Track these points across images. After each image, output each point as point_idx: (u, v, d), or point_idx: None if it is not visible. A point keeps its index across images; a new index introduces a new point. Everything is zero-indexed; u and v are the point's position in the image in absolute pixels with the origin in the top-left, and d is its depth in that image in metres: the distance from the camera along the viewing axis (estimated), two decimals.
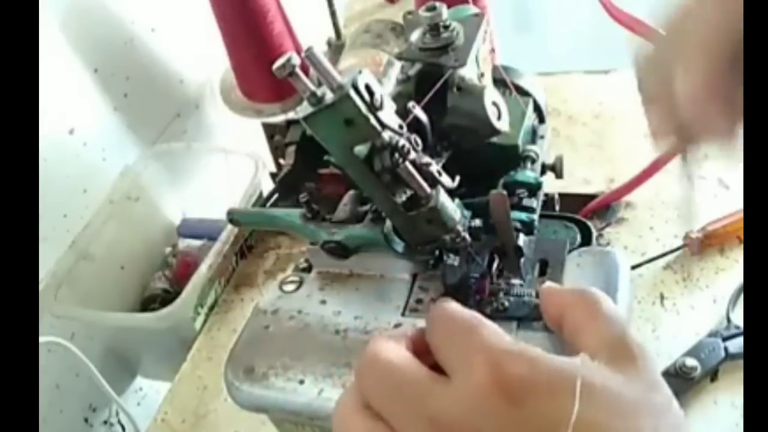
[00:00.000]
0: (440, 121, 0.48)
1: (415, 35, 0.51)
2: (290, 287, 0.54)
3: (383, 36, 0.69)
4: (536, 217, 0.50)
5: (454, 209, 0.46)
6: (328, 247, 0.51)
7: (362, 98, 0.40)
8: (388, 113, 0.42)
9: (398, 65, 0.52)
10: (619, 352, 0.30)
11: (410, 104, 0.45)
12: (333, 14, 0.98)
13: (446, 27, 0.50)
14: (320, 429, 0.49)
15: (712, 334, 0.63)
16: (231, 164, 0.99)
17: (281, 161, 0.54)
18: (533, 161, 0.52)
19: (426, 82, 0.49)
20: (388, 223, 0.48)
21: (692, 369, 0.60)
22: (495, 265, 0.49)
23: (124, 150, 0.93)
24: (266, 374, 0.48)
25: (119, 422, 0.93)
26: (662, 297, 0.69)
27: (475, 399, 0.28)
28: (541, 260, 0.51)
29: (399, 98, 0.48)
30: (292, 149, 0.53)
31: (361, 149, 0.43)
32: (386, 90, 0.50)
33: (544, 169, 0.55)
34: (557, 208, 0.57)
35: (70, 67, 0.85)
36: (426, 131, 0.46)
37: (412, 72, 0.51)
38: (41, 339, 0.73)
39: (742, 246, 0.71)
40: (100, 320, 0.84)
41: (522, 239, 0.48)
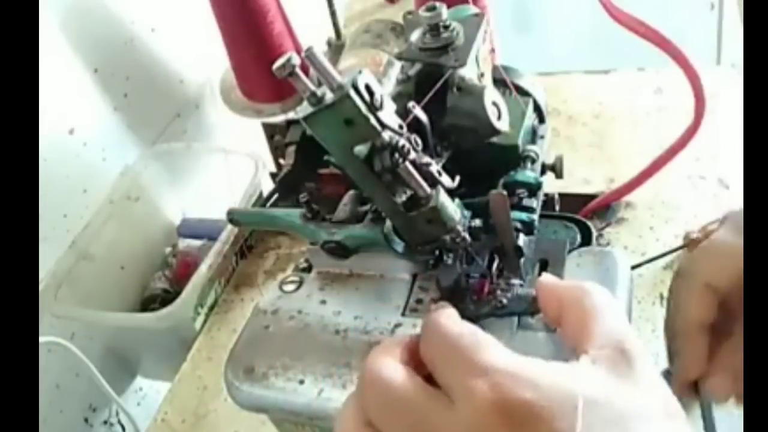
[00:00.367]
0: (440, 121, 0.48)
1: (415, 35, 0.51)
2: (290, 287, 0.54)
3: (383, 36, 0.69)
4: (536, 217, 0.50)
5: (454, 209, 0.46)
6: (328, 247, 0.51)
7: (362, 98, 0.40)
8: (388, 113, 0.42)
9: (398, 65, 0.52)
10: (620, 356, 0.30)
11: (410, 104, 0.45)
12: (333, 14, 0.98)
13: (446, 27, 0.50)
14: (320, 429, 0.49)
15: None
16: (231, 164, 0.99)
17: (281, 161, 0.54)
18: (533, 161, 0.52)
19: (426, 82, 0.49)
20: (388, 223, 0.48)
21: None
22: (495, 265, 0.49)
23: (124, 150, 0.93)
24: (266, 374, 0.48)
25: (119, 422, 0.93)
26: (662, 297, 0.69)
27: (477, 424, 0.28)
28: (541, 260, 0.51)
29: (399, 98, 0.48)
30: (292, 149, 0.53)
31: (361, 149, 0.43)
32: (386, 90, 0.50)
33: (544, 169, 0.55)
34: (557, 208, 0.57)
35: (70, 67, 0.85)
36: (426, 131, 0.46)
37: (412, 72, 0.51)
38: (41, 339, 0.73)
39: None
40: (100, 320, 0.84)
41: (522, 239, 0.48)
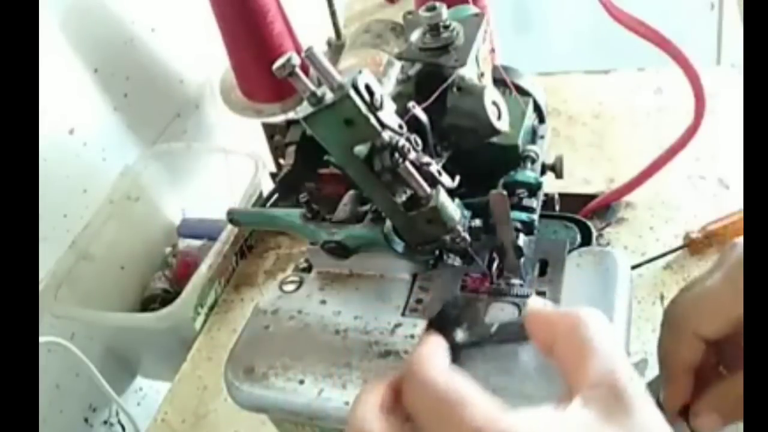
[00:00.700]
0: (440, 121, 0.48)
1: (415, 35, 0.51)
2: (290, 287, 0.54)
3: (383, 36, 0.69)
4: (536, 217, 0.50)
5: (454, 209, 0.46)
6: (328, 247, 0.51)
7: (362, 98, 0.40)
8: (388, 113, 0.42)
9: (398, 65, 0.52)
10: (614, 398, 0.29)
11: (410, 104, 0.45)
12: (333, 14, 0.98)
13: (446, 27, 0.50)
14: (320, 429, 0.49)
15: None
16: (231, 164, 0.99)
17: (281, 161, 0.54)
18: (533, 161, 0.52)
19: (426, 82, 0.49)
20: (388, 223, 0.48)
21: None
22: (495, 265, 0.49)
23: (124, 150, 0.93)
24: (266, 374, 0.48)
25: (119, 422, 0.93)
26: (662, 297, 0.69)
27: None
28: (541, 260, 0.51)
29: (399, 98, 0.48)
30: (292, 149, 0.53)
31: (361, 149, 0.43)
32: (386, 90, 0.50)
33: (544, 169, 0.55)
34: (557, 208, 0.56)
35: (70, 67, 0.85)
36: (426, 131, 0.46)
37: (412, 72, 0.51)
38: (41, 339, 0.73)
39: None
40: (100, 320, 0.84)
41: (522, 239, 0.48)
